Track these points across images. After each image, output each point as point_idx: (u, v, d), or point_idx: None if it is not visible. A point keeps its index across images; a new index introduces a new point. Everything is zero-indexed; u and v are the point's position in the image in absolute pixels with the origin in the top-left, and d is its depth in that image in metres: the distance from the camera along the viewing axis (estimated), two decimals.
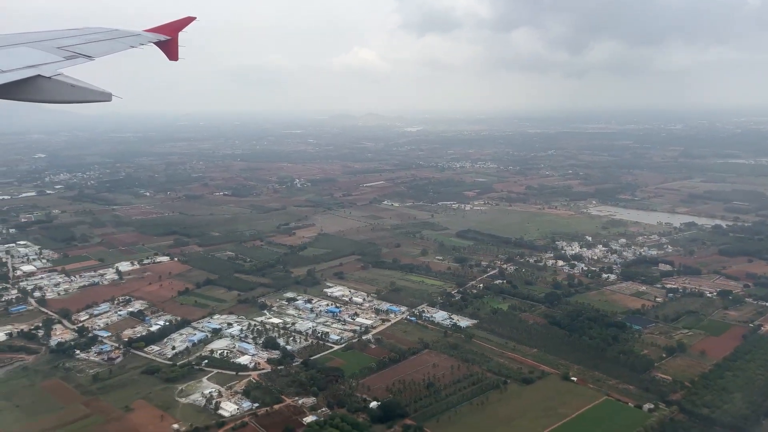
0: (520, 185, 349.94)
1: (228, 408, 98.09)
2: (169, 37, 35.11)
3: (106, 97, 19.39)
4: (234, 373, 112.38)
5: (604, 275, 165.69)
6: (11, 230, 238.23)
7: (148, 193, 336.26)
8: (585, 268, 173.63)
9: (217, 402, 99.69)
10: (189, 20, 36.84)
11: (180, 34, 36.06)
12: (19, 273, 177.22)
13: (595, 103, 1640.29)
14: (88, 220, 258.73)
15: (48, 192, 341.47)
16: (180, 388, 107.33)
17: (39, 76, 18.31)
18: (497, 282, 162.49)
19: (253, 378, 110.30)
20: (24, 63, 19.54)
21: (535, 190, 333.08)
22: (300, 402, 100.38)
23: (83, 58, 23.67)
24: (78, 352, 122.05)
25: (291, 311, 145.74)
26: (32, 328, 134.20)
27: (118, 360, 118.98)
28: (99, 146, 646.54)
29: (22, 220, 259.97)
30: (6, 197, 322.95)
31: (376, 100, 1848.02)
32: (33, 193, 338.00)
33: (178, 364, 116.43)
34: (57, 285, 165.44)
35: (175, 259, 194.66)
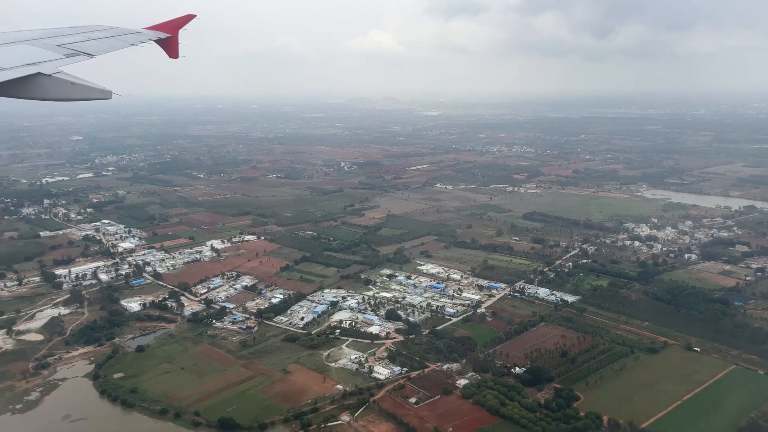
0: (565, 169, 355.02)
1: (381, 372, 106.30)
2: (169, 35, 35.28)
3: (106, 95, 19.47)
4: (369, 341, 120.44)
5: (686, 255, 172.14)
6: (89, 209, 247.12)
7: (201, 175, 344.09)
8: (664, 249, 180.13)
9: (370, 366, 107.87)
10: (189, 18, 37.20)
11: (180, 31, 36.37)
12: (120, 249, 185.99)
13: (614, 87, 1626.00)
14: (157, 201, 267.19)
15: (104, 173, 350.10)
16: (325, 353, 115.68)
17: (39, 73, 18.41)
18: (583, 261, 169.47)
19: (389, 346, 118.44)
20: (24, 60, 19.59)
21: (582, 174, 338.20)
22: (444, 367, 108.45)
23: (83, 56, 23.78)
24: (214, 321, 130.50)
25: (395, 286, 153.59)
26: (160, 299, 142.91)
27: (255, 329, 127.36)
28: (130, 129, 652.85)
29: (94, 200, 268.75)
30: (65, 178, 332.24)
31: (391, 84, 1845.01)
32: (90, 175, 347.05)
33: (313, 333, 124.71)
34: (162, 261, 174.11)
35: (262, 238, 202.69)
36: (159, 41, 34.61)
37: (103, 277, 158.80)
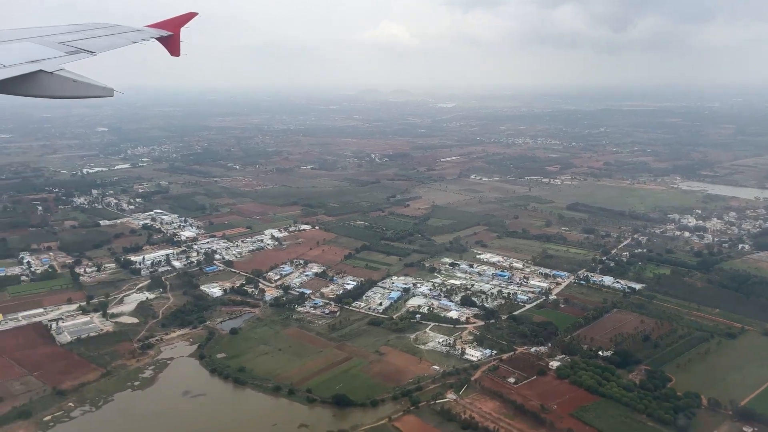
0: (595, 161, 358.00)
1: (473, 354, 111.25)
2: (171, 33, 35.22)
3: (107, 92, 19.48)
4: (451, 326, 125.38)
5: (739, 246, 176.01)
6: (137, 199, 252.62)
7: (237, 167, 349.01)
8: (716, 240, 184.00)
9: (462, 348, 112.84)
10: (191, 16, 37.17)
11: (184, 26, 36.52)
12: (183, 238, 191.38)
13: (627, 80, 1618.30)
14: (201, 192, 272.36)
15: (140, 164, 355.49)
16: (411, 337, 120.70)
17: (41, 71, 18.40)
18: (638, 251, 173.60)
19: (472, 330, 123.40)
20: (26, 58, 19.57)
21: (614, 166, 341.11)
22: (532, 350, 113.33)
23: (85, 54, 23.63)
24: (296, 306, 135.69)
25: (459, 274, 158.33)
26: (238, 285, 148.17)
27: (338, 314, 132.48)
28: (150, 121, 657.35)
29: (139, 190, 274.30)
30: (104, 169, 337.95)
31: (401, 77, 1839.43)
32: (126, 165, 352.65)
33: (394, 317, 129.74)
34: (228, 249, 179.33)
35: (316, 227, 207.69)
36: (161, 39, 34.63)
37: (177, 264, 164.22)
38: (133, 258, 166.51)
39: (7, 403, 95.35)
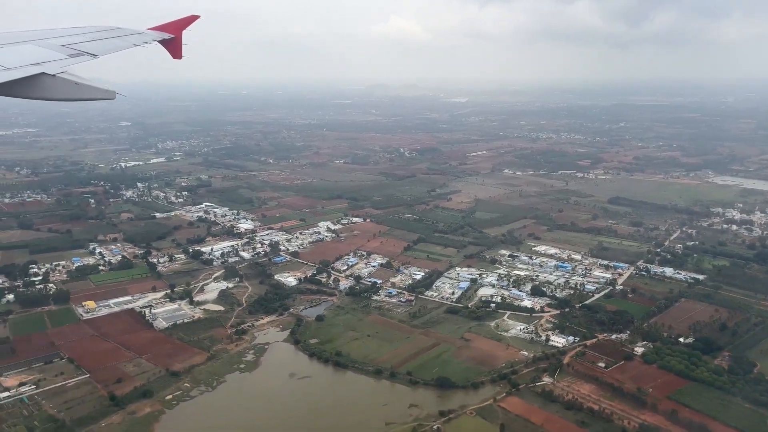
0: (624, 156, 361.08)
1: (558, 340, 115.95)
2: (173, 36, 35.42)
3: (110, 95, 19.42)
4: (527, 314, 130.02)
5: None
6: (183, 193, 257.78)
7: (270, 161, 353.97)
8: (764, 232, 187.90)
9: (547, 335, 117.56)
10: (193, 18, 37.36)
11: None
12: (242, 230, 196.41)
13: (638, 75, 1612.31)
14: (243, 185, 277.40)
15: (174, 159, 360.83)
16: (491, 324, 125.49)
17: (43, 73, 18.39)
18: (690, 243, 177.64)
19: (548, 318, 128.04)
20: (28, 61, 19.57)
21: (643, 160, 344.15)
22: (613, 337, 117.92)
23: (87, 56, 23.60)
24: (372, 295, 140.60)
25: (521, 265, 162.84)
26: (310, 275, 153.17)
27: (414, 302, 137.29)
28: (171, 115, 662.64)
29: (182, 184, 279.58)
30: (140, 163, 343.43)
31: (410, 71, 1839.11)
32: (161, 159, 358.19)
33: (469, 306, 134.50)
34: (288, 241, 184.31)
35: (368, 220, 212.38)
36: (163, 42, 34.81)
37: (245, 254, 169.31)
38: (202, 249, 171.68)
39: (128, 383, 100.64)
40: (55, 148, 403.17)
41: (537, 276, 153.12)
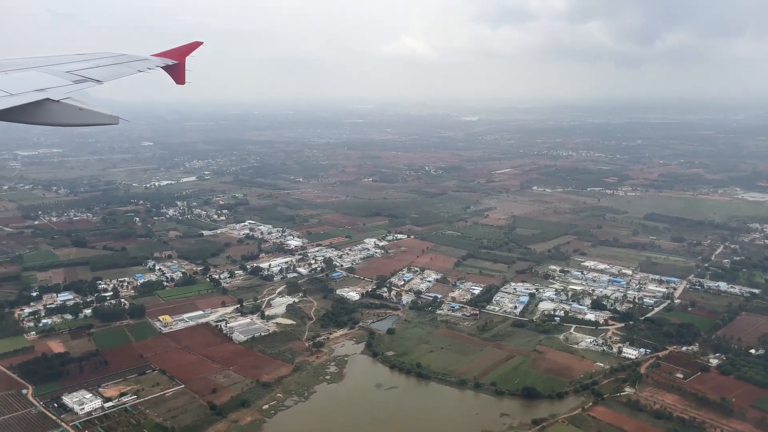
0: (648, 173, 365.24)
1: (630, 352, 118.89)
2: (176, 62, 35.90)
3: (113, 120, 19.73)
4: (592, 327, 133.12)
5: None
6: (224, 211, 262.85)
7: (300, 179, 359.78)
8: None
9: (619, 347, 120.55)
10: (196, 45, 37.95)
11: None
12: (291, 246, 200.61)
13: (646, 93, 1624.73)
14: (280, 203, 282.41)
15: (205, 177, 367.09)
16: (560, 337, 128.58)
17: (47, 99, 18.71)
18: (737, 258, 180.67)
19: (614, 331, 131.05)
20: (33, 87, 20.00)
21: (669, 177, 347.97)
22: (683, 349, 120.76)
23: (92, 82, 23.93)
24: (435, 309, 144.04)
25: (573, 280, 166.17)
26: (371, 290, 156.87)
27: (479, 316, 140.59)
28: (189, 135, 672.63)
29: (220, 202, 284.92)
30: (172, 182, 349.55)
31: (420, 90, 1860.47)
32: (193, 178, 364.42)
33: (534, 319, 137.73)
34: (340, 257, 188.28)
35: (411, 236, 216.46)
36: (166, 68, 35.24)
37: (302, 270, 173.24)
38: (261, 265, 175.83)
39: (223, 393, 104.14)
40: (85, 168, 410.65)
41: (593, 290, 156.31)
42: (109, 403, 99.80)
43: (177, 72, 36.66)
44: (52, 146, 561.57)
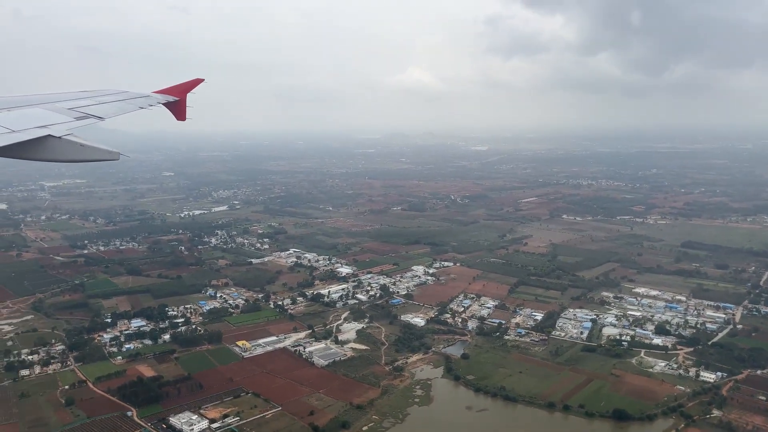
0: (673, 202, 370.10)
1: (708, 375, 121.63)
2: (177, 99, 36.15)
3: (114, 156, 19.80)
4: (662, 352, 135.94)
5: None
6: (264, 239, 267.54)
7: (330, 208, 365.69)
8: None
9: (696, 371, 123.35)
10: (197, 82, 38.43)
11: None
12: (343, 274, 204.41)
13: (651, 122, 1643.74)
14: (318, 232, 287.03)
15: (236, 207, 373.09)
16: (632, 361, 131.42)
17: (49, 136, 18.83)
18: None
19: (684, 355, 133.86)
20: (35, 123, 20.20)
21: (694, 206, 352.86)
22: (758, 372, 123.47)
23: (94, 119, 24.08)
24: (502, 335, 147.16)
25: (629, 306, 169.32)
26: (434, 316, 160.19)
27: (547, 341, 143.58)
28: (207, 165, 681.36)
29: (258, 231, 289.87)
30: (205, 211, 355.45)
31: (425, 120, 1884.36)
32: (224, 208, 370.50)
33: (602, 344, 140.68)
34: (394, 284, 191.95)
35: (457, 264, 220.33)
36: (167, 104, 35.57)
37: (361, 297, 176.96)
38: (321, 292, 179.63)
39: (321, 416, 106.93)
40: (114, 198, 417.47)
41: (652, 316, 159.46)
42: (215, 424, 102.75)
43: (178, 108, 37.07)
44: (75, 176, 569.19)
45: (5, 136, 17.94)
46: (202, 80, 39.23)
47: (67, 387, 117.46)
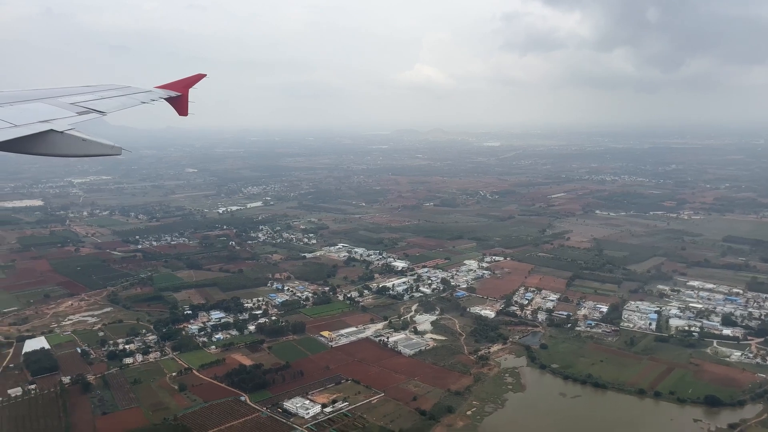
0: (702, 197, 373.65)
1: None
2: (179, 94, 36.37)
3: (116, 151, 19.84)
4: (733, 342, 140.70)
5: None
6: (310, 235, 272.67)
7: (363, 204, 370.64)
8: None
9: None
10: (199, 77, 38.50)
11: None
12: (399, 268, 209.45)
13: (660, 118, 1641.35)
14: (359, 227, 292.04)
15: (271, 204, 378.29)
16: (706, 350, 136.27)
17: (51, 130, 18.96)
18: None
19: (756, 345, 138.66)
20: (37, 118, 20.29)
21: (723, 201, 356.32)
22: None
23: (96, 114, 24.16)
24: (573, 326, 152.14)
25: (688, 299, 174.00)
26: (501, 308, 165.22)
27: (618, 332, 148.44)
28: (228, 161, 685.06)
29: (301, 226, 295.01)
30: (241, 207, 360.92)
31: (434, 116, 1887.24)
32: (259, 204, 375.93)
33: (672, 335, 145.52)
34: (452, 278, 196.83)
35: (508, 258, 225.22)
36: (169, 99, 35.79)
37: (425, 290, 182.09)
38: (386, 285, 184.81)
39: (423, 401, 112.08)
40: (146, 195, 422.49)
41: (714, 308, 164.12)
42: (328, 409, 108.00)
43: (180, 104, 37.34)
44: (100, 173, 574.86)
45: (7, 130, 18.02)
46: (204, 75, 39.48)
47: (174, 374, 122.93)
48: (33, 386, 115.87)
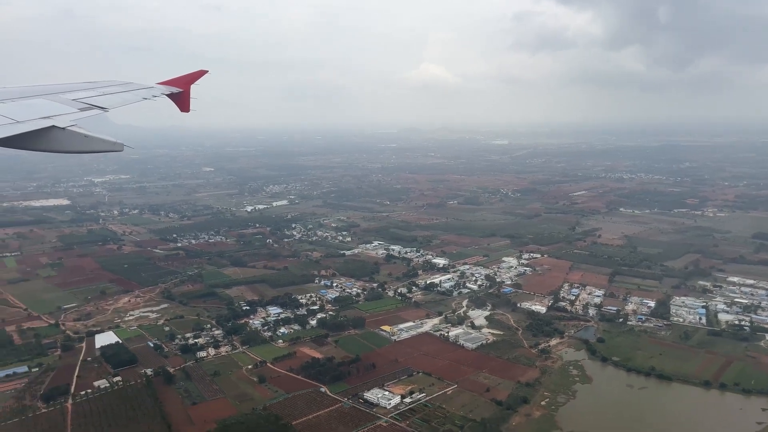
0: (724, 195, 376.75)
1: None
2: (181, 90, 36.52)
3: (117, 147, 19.86)
4: None
5: None
6: (343, 233, 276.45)
7: (387, 202, 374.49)
8: None
9: None
10: (201, 73, 38.56)
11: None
12: (440, 265, 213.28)
13: (665, 117, 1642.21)
14: (390, 225, 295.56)
15: (296, 202, 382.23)
16: (760, 344, 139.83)
17: (53, 126, 19.03)
18: None
19: None
20: (40, 114, 20.27)
21: (745, 198, 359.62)
22: None
23: (97, 110, 24.24)
24: (625, 321, 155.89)
25: (731, 294, 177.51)
26: (550, 304, 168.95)
27: (671, 327, 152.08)
28: (242, 160, 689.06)
29: (332, 224, 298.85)
30: (266, 206, 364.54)
31: (440, 115, 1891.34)
32: (284, 202, 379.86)
33: (723, 328, 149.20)
34: (495, 274, 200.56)
35: (545, 255, 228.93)
36: (171, 95, 35.95)
37: (472, 286, 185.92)
38: (434, 281, 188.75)
39: (496, 392, 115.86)
40: (169, 194, 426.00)
41: (759, 303, 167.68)
42: (407, 399, 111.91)
43: (182, 100, 37.48)
44: (117, 172, 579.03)
45: (9, 126, 17.97)
46: (206, 71, 39.61)
47: (250, 366, 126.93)
48: (117, 378, 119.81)
